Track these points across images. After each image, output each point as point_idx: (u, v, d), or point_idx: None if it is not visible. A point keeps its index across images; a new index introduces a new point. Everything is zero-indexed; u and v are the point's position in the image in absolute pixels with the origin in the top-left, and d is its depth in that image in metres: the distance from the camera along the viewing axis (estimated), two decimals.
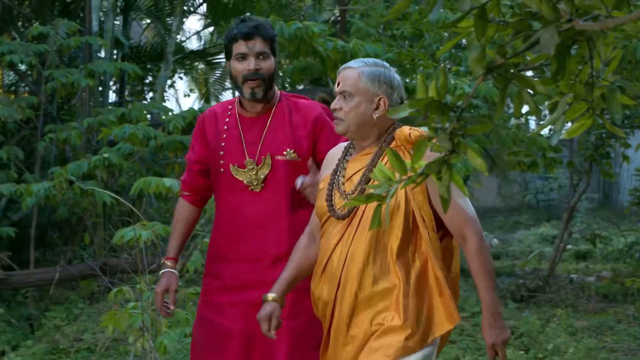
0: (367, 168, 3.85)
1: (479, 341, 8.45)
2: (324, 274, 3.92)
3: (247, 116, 4.59)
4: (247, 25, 4.47)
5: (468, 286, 10.98)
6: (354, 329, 3.81)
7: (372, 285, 3.75)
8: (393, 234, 3.76)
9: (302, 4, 12.17)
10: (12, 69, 11.44)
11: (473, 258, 3.74)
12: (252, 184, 4.49)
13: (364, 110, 3.87)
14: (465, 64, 8.99)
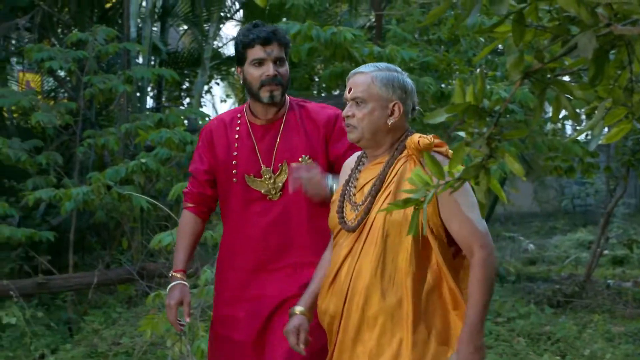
0: (378, 178, 3.71)
1: (515, 346, 8.40)
2: (331, 288, 3.78)
3: (259, 124, 4.46)
4: (264, 30, 4.38)
5: (505, 291, 10.93)
6: (360, 347, 3.65)
7: (380, 301, 3.60)
8: (402, 247, 3.61)
9: (338, 10, 12.17)
10: (52, 75, 11.51)
11: (475, 269, 3.53)
12: (270, 192, 4.38)
13: (377, 116, 3.72)
14: (501, 69, 8.95)
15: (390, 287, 3.60)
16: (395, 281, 3.60)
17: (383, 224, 3.63)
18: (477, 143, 2.22)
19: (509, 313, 9.66)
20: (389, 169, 3.71)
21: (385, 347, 3.59)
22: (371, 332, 3.63)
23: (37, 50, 9.40)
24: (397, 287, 3.59)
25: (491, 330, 8.81)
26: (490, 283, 3.54)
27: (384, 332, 3.60)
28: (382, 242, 3.63)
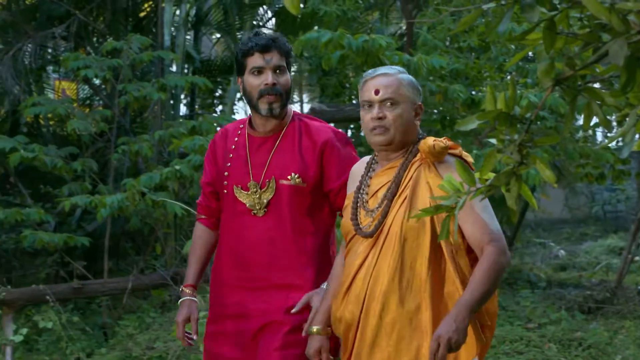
0: (393, 182, 3.68)
1: (546, 352, 8.36)
2: (347, 295, 3.74)
3: (256, 136, 4.30)
4: (263, 37, 4.23)
5: (535, 297, 10.88)
6: (377, 354, 3.62)
7: (398, 307, 3.56)
8: (420, 252, 3.58)
9: (370, 18, 12.17)
10: (87, 83, 11.58)
11: (482, 261, 3.48)
12: (255, 207, 4.20)
13: (407, 118, 3.72)
14: (532, 76, 8.91)
15: (408, 292, 3.57)
16: (413, 287, 3.57)
17: (400, 229, 3.60)
18: (509, 150, 2.22)
19: (540, 319, 9.61)
20: (404, 173, 3.68)
21: (404, 353, 3.56)
22: (389, 338, 3.59)
23: (73, 58, 9.46)
24: (415, 293, 3.57)
25: (522, 336, 8.77)
26: (494, 276, 3.46)
27: (402, 338, 3.57)
28: (400, 247, 3.59)
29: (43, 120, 11.69)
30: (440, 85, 8.78)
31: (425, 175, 3.63)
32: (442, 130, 9.14)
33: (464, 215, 3.52)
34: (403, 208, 3.62)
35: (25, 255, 10.73)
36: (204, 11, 13.17)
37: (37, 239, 8.70)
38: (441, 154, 3.62)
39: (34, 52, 11.25)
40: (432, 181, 3.61)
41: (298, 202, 4.18)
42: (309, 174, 4.18)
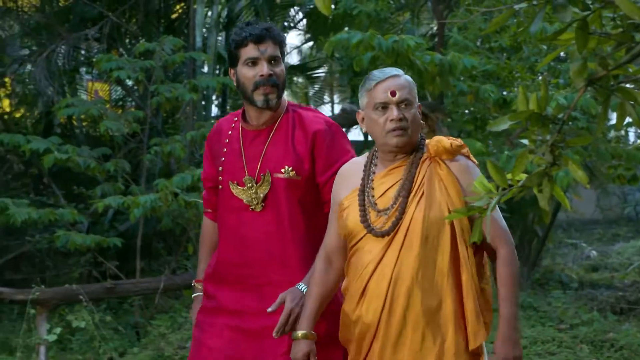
0: (406, 180, 3.67)
1: (578, 353, 8.32)
2: (364, 296, 3.70)
3: (250, 129, 4.18)
4: (257, 27, 4.07)
5: (567, 298, 10.82)
6: (402, 352, 3.61)
7: (422, 304, 3.57)
8: (440, 250, 3.59)
9: (401, 18, 12.15)
10: (120, 85, 11.63)
11: (502, 268, 3.59)
12: (252, 203, 4.09)
13: (418, 118, 3.75)
14: (564, 76, 8.86)
15: (430, 289, 3.58)
16: (435, 283, 3.58)
17: (422, 225, 3.60)
18: (541, 150, 2.20)
19: (572, 320, 9.56)
20: (416, 171, 3.68)
21: (429, 349, 3.58)
22: (414, 335, 3.59)
23: (106, 60, 9.50)
24: (437, 289, 3.58)
25: (554, 337, 8.73)
26: (518, 279, 3.61)
27: (426, 334, 3.58)
28: (422, 245, 3.59)
29: (76, 121, 11.76)
30: (472, 85, 8.75)
31: (437, 172, 3.66)
32: (474, 131, 9.11)
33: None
34: (422, 205, 3.62)
35: (59, 255, 10.79)
36: (235, 12, 13.19)
37: (69, 240, 8.75)
38: (457, 152, 3.67)
39: (67, 54, 11.31)
40: (445, 179, 3.64)
41: (294, 195, 4.08)
42: (303, 167, 4.08)
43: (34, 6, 12.19)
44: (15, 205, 8.93)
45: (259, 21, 4.24)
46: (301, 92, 18.26)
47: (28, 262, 11.08)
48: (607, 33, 2.18)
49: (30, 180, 11.28)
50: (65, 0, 12.17)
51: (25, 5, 12.10)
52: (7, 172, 11.00)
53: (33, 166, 10.96)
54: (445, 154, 3.64)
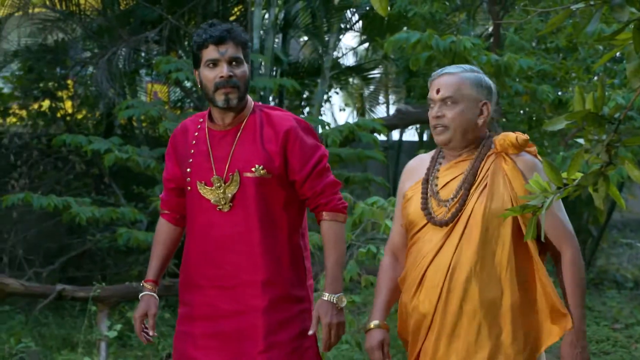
0: (469, 173, 3.67)
1: (632, 353, 8.24)
2: (421, 286, 3.70)
3: (216, 130, 4.12)
4: (217, 29, 4.02)
5: (622, 298, 10.74)
6: (457, 342, 3.60)
7: (479, 295, 3.55)
8: (500, 242, 3.58)
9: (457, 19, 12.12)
10: (179, 86, 11.71)
11: (568, 271, 3.57)
12: (220, 203, 4.03)
13: (469, 116, 3.69)
14: (620, 76, 8.79)
15: (488, 281, 3.56)
16: (494, 275, 3.57)
17: (482, 217, 3.59)
18: (596, 150, 2.19)
19: (627, 319, 9.48)
20: (480, 165, 3.68)
21: (485, 341, 3.56)
22: (469, 327, 3.58)
23: (165, 62, 9.56)
24: (495, 282, 3.56)
25: (609, 337, 8.66)
26: (583, 282, 3.59)
27: (483, 326, 3.56)
28: (481, 236, 3.59)
29: (136, 122, 11.86)
30: (527, 86, 8.70)
31: (502, 167, 3.65)
32: (528, 131, 9.06)
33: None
34: (483, 197, 3.62)
35: (119, 253, 10.89)
36: (292, 14, 13.22)
37: (131, 238, 8.82)
38: (522, 146, 3.65)
39: (127, 56, 11.41)
40: (510, 173, 3.63)
41: (265, 194, 4.03)
42: (274, 165, 4.02)
43: (95, 10, 12.31)
44: (77, 204, 9.03)
45: (217, 22, 4.14)
46: (356, 93, 18.24)
47: (89, 260, 11.20)
48: None
49: (91, 180, 11.40)
50: (126, 4, 12.28)
51: (87, 9, 12.23)
52: (69, 172, 11.13)
53: (94, 166, 11.08)
54: (511, 148, 3.64)
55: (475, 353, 3.57)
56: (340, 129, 9.57)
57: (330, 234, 4.09)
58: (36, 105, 11.79)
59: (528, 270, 3.59)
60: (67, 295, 8.42)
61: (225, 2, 12.41)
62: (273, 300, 4.01)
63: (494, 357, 3.54)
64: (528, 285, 3.58)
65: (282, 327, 4.01)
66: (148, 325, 4.29)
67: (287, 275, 4.07)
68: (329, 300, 4.01)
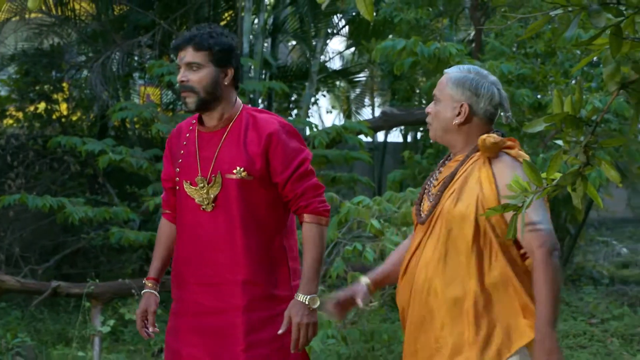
0: (450, 174, 3.61)
1: (608, 347, 8.26)
2: (403, 279, 3.69)
3: (205, 131, 4.12)
4: (184, 36, 4.06)
5: (598, 293, 10.77)
6: (423, 337, 3.57)
7: (441, 293, 3.49)
8: (464, 241, 3.48)
9: (439, 25, 12.13)
10: (171, 89, 11.69)
11: (536, 271, 3.37)
12: (204, 203, 4.02)
13: (445, 115, 3.61)
14: (597, 80, 8.81)
15: (451, 280, 3.49)
16: (456, 274, 3.49)
17: (447, 218, 3.54)
18: (575, 151, 2.19)
19: (603, 314, 9.50)
20: (461, 167, 3.60)
21: (447, 339, 3.50)
22: (433, 323, 3.54)
23: (157, 65, 9.55)
24: (458, 281, 3.48)
25: (585, 331, 8.68)
26: (553, 282, 3.36)
27: (446, 323, 3.50)
28: (445, 236, 3.53)
29: (129, 124, 11.84)
30: (508, 90, 8.71)
31: (478, 170, 3.55)
32: (509, 133, 9.07)
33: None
34: (452, 198, 3.56)
35: (112, 251, 10.87)
36: (280, 20, 13.23)
37: (123, 237, 8.81)
38: (491, 149, 3.52)
39: (121, 60, 11.39)
40: (483, 176, 3.52)
41: (247, 195, 4.01)
42: (255, 167, 3.99)
43: (90, 15, 12.29)
44: (71, 204, 9.01)
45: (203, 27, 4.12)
46: (343, 95, 18.25)
47: (83, 257, 11.17)
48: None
49: (85, 180, 11.37)
50: (120, 9, 12.25)
51: (82, 14, 12.20)
52: (64, 172, 11.10)
53: (89, 167, 11.05)
54: (485, 151, 3.54)
55: (439, 349, 3.52)
56: (327, 130, 9.57)
57: (309, 236, 4.05)
58: (32, 108, 11.75)
59: (496, 272, 3.47)
60: (61, 291, 8.40)
61: (216, 7, 12.39)
62: (253, 299, 4.00)
63: (456, 354, 3.47)
64: (496, 286, 3.47)
65: (264, 326, 4.00)
66: (148, 322, 4.31)
67: (268, 276, 4.05)
68: (301, 300, 3.99)
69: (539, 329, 3.36)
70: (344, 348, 7.73)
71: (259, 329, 3.99)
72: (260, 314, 4.00)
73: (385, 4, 10.53)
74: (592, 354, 8.09)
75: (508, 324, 3.46)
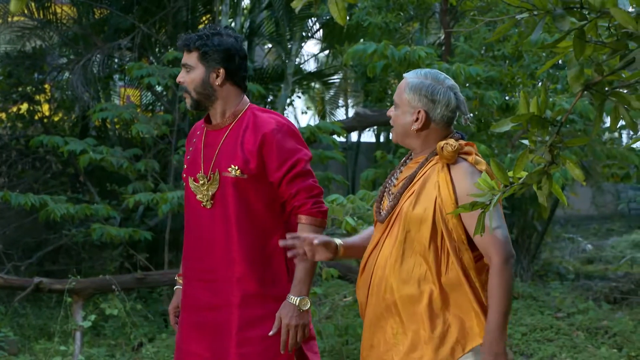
0: (409, 176, 3.59)
1: (574, 340, 8.29)
2: (361, 277, 3.69)
3: (211, 129, 4.12)
4: (181, 38, 4.08)
5: (564, 288, 10.81)
6: (379, 334, 3.57)
7: (398, 292, 3.48)
8: (421, 242, 3.48)
9: (410, 28, 12.14)
10: (150, 90, 11.64)
11: (492, 277, 3.38)
12: (204, 200, 4.01)
13: (404, 121, 3.60)
14: (562, 82, 8.85)
15: (408, 279, 3.48)
16: (412, 274, 3.48)
17: (405, 219, 3.53)
18: (540, 150, 2.20)
19: (569, 309, 9.54)
20: (419, 170, 3.59)
21: (402, 337, 3.50)
22: (389, 321, 3.53)
23: (137, 67, 9.51)
24: (414, 280, 3.47)
25: (552, 325, 8.71)
26: (507, 290, 3.38)
27: (401, 322, 3.50)
28: (402, 236, 3.52)
29: (110, 124, 11.77)
30: (477, 92, 8.74)
31: (436, 174, 3.54)
32: (477, 133, 9.09)
33: (471, 219, 3.38)
34: (410, 200, 3.55)
35: (94, 248, 10.81)
36: (257, 23, 13.21)
37: (105, 233, 8.78)
38: (449, 156, 3.50)
39: (102, 62, 11.34)
40: (441, 180, 3.51)
41: (242, 194, 3.98)
42: (249, 166, 3.96)
43: (71, 18, 12.22)
44: (53, 202, 8.97)
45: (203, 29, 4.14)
46: (318, 97, 18.25)
47: (65, 254, 11.11)
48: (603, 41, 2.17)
49: (67, 179, 11.32)
50: (100, 13, 12.19)
51: (64, 18, 12.13)
52: (46, 171, 11.04)
53: (70, 166, 11.01)
54: (442, 158, 3.52)
55: (395, 346, 3.52)
56: (302, 131, 9.57)
57: None
58: (15, 108, 11.67)
59: (451, 274, 3.46)
60: (44, 287, 8.35)
61: (194, 11, 12.36)
62: (246, 297, 3.98)
63: (410, 351, 3.47)
64: (452, 287, 3.46)
65: (256, 324, 3.97)
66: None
67: (263, 274, 4.02)
68: (291, 302, 3.97)
69: (489, 332, 3.36)
70: (319, 342, 7.72)
71: (251, 327, 3.97)
72: (254, 311, 3.98)
73: (357, 8, 10.51)
74: (558, 346, 8.12)
75: (462, 324, 3.46)
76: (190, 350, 4.06)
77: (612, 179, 10.68)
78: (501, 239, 3.40)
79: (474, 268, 3.49)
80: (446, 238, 3.47)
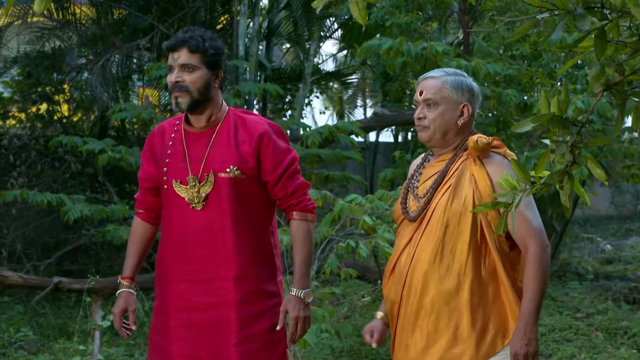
0: (440, 173, 3.66)
1: (593, 340, 8.27)
2: (392, 275, 3.73)
3: (192, 131, 4.10)
4: (177, 37, 4.05)
5: (583, 288, 10.77)
6: (418, 331, 3.60)
7: (437, 288, 3.54)
8: (461, 238, 3.55)
9: (429, 28, 12.13)
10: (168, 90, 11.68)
11: (529, 265, 3.47)
12: (194, 201, 4.00)
13: (449, 117, 3.67)
14: (581, 81, 8.82)
15: (447, 274, 3.54)
16: (452, 269, 3.54)
17: (443, 214, 3.59)
18: (561, 150, 2.20)
19: (588, 309, 9.52)
20: (451, 166, 3.66)
21: (443, 332, 3.54)
22: (428, 317, 3.57)
23: (155, 68, 9.54)
24: (454, 275, 3.54)
25: (571, 325, 8.69)
26: (543, 278, 3.48)
27: (441, 317, 3.55)
28: (441, 232, 3.57)
29: (128, 124, 11.82)
30: (495, 90, 8.72)
31: (470, 168, 3.62)
32: (496, 133, 9.08)
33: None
34: (446, 196, 3.61)
35: (112, 247, 10.85)
36: (275, 23, 13.23)
37: (117, 235, 8.81)
38: (484, 149, 3.61)
39: (120, 63, 11.38)
40: (477, 174, 3.60)
41: (238, 194, 4.01)
42: (247, 166, 4.00)
43: (90, 19, 12.27)
44: (71, 202, 9.01)
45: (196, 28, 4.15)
46: (336, 97, 18.25)
47: (84, 254, 11.16)
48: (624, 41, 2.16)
49: (86, 179, 11.36)
50: (119, 13, 12.24)
51: (83, 18, 12.18)
52: (65, 171, 11.09)
53: (89, 165, 11.05)
54: (474, 150, 3.61)
55: (434, 342, 3.55)
56: (320, 130, 9.57)
57: (299, 232, 4.09)
58: (34, 109, 11.74)
59: (489, 266, 3.54)
60: (63, 287, 8.39)
61: (212, 12, 12.38)
62: (245, 294, 4.00)
63: (452, 347, 3.52)
64: (489, 279, 3.54)
65: (255, 320, 4.00)
66: (129, 320, 4.26)
67: (258, 271, 4.05)
68: (296, 295, 4.02)
69: (523, 316, 3.44)
70: (337, 342, 7.73)
71: (250, 324, 3.99)
72: (251, 308, 4.00)
73: (377, 8, 10.51)
74: (577, 347, 8.10)
75: (501, 315, 3.54)
76: (181, 352, 4.05)
77: (631, 179, 10.64)
78: (538, 229, 3.52)
79: (509, 259, 3.57)
80: (486, 230, 3.54)
